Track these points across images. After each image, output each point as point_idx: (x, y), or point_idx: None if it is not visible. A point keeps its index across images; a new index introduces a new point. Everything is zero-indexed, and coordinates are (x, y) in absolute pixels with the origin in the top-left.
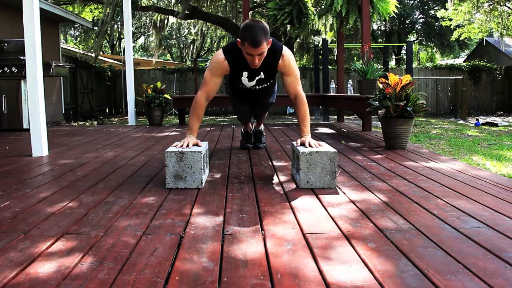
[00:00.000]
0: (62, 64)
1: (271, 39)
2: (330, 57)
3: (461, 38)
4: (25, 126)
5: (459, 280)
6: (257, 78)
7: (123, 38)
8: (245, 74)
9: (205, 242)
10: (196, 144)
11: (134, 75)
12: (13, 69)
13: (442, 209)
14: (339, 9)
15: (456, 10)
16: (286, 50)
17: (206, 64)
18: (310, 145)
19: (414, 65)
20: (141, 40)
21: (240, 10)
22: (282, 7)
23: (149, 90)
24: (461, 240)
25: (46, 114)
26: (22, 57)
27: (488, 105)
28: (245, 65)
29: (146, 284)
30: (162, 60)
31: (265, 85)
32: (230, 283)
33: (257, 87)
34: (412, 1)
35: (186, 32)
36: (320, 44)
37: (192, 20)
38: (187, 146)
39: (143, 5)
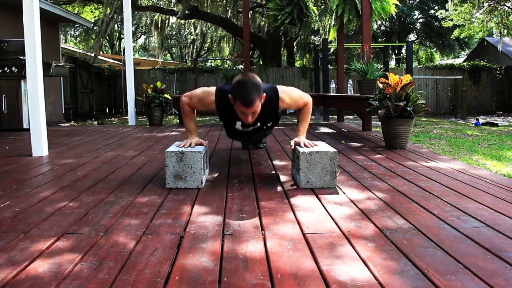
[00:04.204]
0: (62, 64)
1: (264, 94)
2: (330, 57)
3: (461, 37)
4: (25, 126)
5: (459, 280)
6: (252, 127)
7: (123, 38)
8: (238, 123)
9: (205, 242)
10: (201, 144)
11: (134, 75)
12: (13, 69)
13: (442, 209)
14: (335, 8)
15: (456, 10)
16: (281, 91)
17: (206, 64)
18: (305, 145)
19: (414, 65)
20: (141, 40)
21: (240, 10)
22: (283, 7)
23: (149, 90)
24: (461, 240)
25: (46, 114)
26: (22, 57)
27: (488, 105)
28: (237, 117)
29: (146, 284)
30: (162, 60)
31: (264, 127)
32: (230, 283)
33: (252, 130)
34: (412, 1)
35: (186, 32)
36: (320, 44)
37: (193, 20)
38: (190, 146)
39: (143, 5)
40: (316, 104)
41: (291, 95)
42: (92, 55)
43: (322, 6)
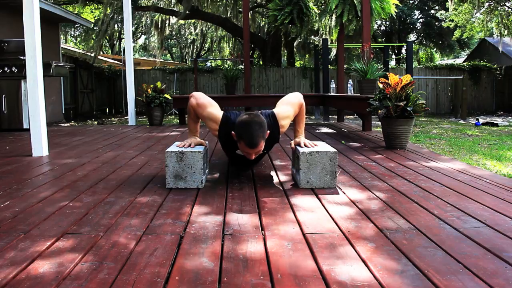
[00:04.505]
0: (62, 64)
1: (268, 131)
2: (330, 58)
3: (463, 37)
4: (25, 126)
5: (459, 280)
6: None
7: (123, 38)
8: (238, 151)
9: (205, 242)
10: (201, 144)
11: (134, 75)
12: (13, 69)
13: (442, 209)
14: (334, 8)
15: (456, 10)
16: (280, 118)
17: (206, 64)
18: (305, 145)
19: (414, 65)
20: (141, 40)
21: (240, 10)
22: (282, 7)
23: (149, 90)
24: (461, 240)
25: (46, 114)
26: (22, 57)
27: (488, 105)
28: (237, 148)
29: (146, 284)
30: (162, 60)
31: (262, 152)
32: (230, 283)
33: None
34: (412, 1)
35: (186, 32)
36: (320, 44)
37: (193, 20)
38: (190, 146)
39: (143, 5)
40: (316, 104)
41: (288, 114)
42: (92, 55)
43: (322, 6)
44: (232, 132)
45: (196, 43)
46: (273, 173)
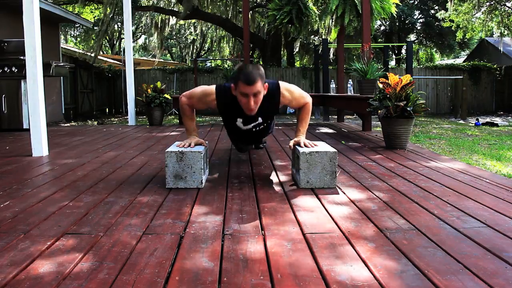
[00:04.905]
0: (62, 64)
1: (267, 84)
2: (330, 58)
3: (466, 37)
4: (25, 126)
5: (459, 280)
6: (253, 123)
7: (123, 38)
8: (239, 120)
9: (205, 242)
10: (201, 144)
11: (134, 75)
12: (13, 69)
13: (442, 209)
14: (334, 8)
15: (456, 10)
16: (283, 87)
17: (206, 64)
18: (305, 145)
19: (414, 65)
20: (141, 40)
21: (240, 10)
22: (282, 7)
23: (149, 90)
24: (461, 240)
25: (46, 114)
26: (22, 57)
27: (488, 105)
28: (239, 112)
29: (146, 284)
30: (162, 60)
31: (263, 126)
32: (230, 283)
33: (253, 129)
34: (412, 1)
35: (187, 33)
36: (320, 44)
37: (193, 20)
38: (190, 146)
39: (143, 5)
40: (316, 104)
41: (293, 91)
42: (92, 55)
43: (322, 7)
44: (231, 85)
45: (196, 43)
46: (273, 173)
